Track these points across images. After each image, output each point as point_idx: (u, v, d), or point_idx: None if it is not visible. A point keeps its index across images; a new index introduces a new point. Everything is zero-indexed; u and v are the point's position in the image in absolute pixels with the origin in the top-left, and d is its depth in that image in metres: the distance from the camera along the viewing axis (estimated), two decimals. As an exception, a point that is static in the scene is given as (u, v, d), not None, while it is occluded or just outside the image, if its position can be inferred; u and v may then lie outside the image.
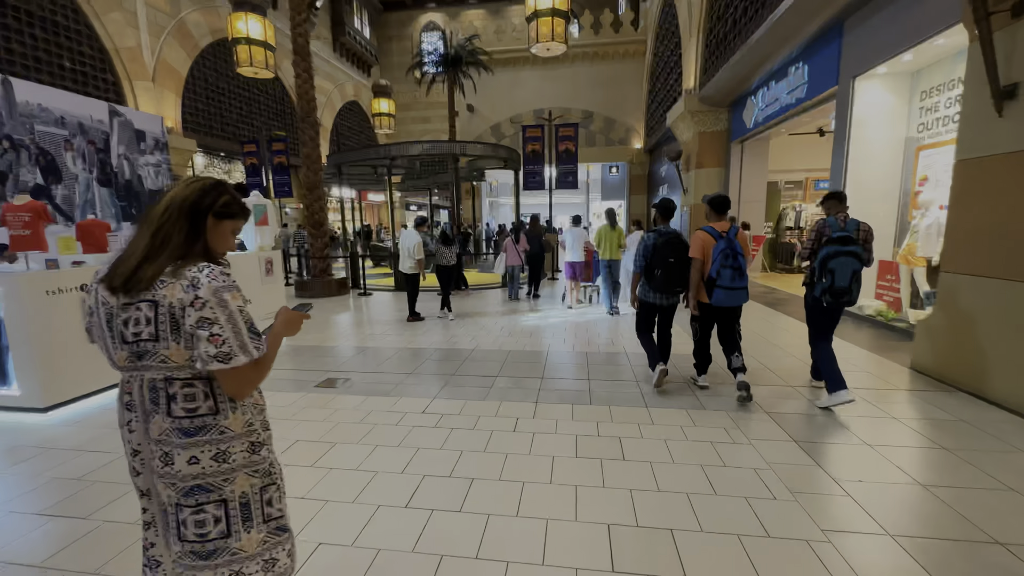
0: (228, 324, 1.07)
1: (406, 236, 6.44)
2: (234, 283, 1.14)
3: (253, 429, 1.23)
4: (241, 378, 1.11)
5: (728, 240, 3.45)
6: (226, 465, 1.16)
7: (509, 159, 11.14)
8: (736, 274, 3.42)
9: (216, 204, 1.19)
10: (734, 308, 3.61)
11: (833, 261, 3.26)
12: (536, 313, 7.22)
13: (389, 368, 4.55)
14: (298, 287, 9.35)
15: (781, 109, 8.64)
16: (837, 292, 3.29)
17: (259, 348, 1.13)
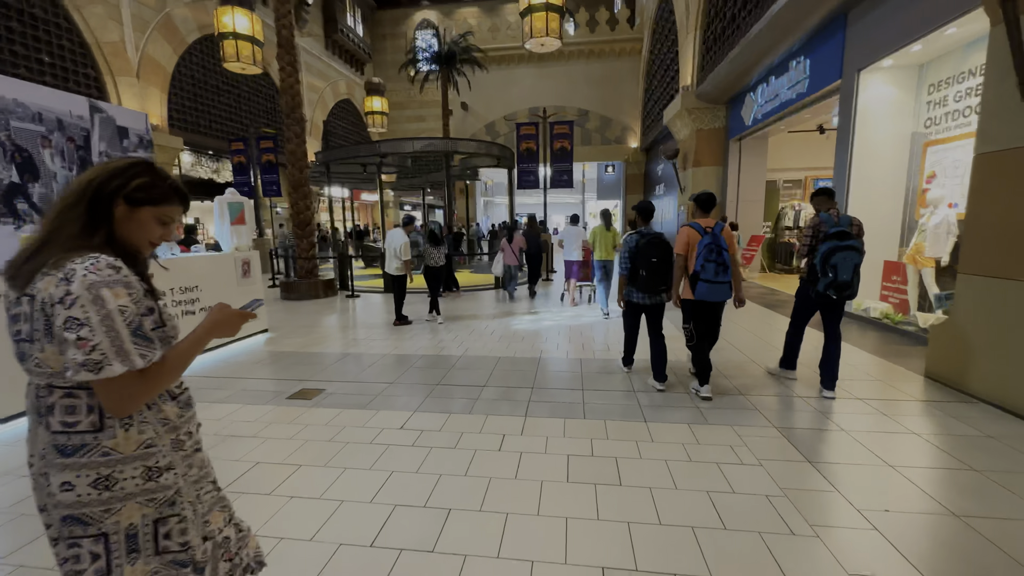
0: (102, 326, 0.90)
1: (392, 236, 6.14)
2: (123, 278, 0.96)
3: (153, 450, 1.03)
4: (118, 391, 0.93)
5: (713, 235, 3.47)
6: (109, 493, 0.97)
7: (502, 157, 10.85)
8: (720, 268, 3.42)
9: (127, 187, 1.02)
10: (718, 304, 3.61)
11: (835, 257, 3.36)
12: (529, 316, 6.94)
13: (369, 377, 4.24)
14: (283, 289, 9.02)
15: (781, 105, 8.40)
16: (841, 286, 3.40)
17: (145, 356, 0.96)
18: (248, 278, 5.49)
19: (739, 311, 6.84)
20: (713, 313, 3.67)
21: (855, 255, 3.36)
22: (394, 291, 6.36)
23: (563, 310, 7.34)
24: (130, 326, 0.94)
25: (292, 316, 7.23)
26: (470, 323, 6.48)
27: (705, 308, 3.62)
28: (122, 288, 0.95)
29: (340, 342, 5.54)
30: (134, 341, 0.94)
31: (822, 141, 10.82)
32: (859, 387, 3.75)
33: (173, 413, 1.10)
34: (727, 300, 3.57)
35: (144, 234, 1.06)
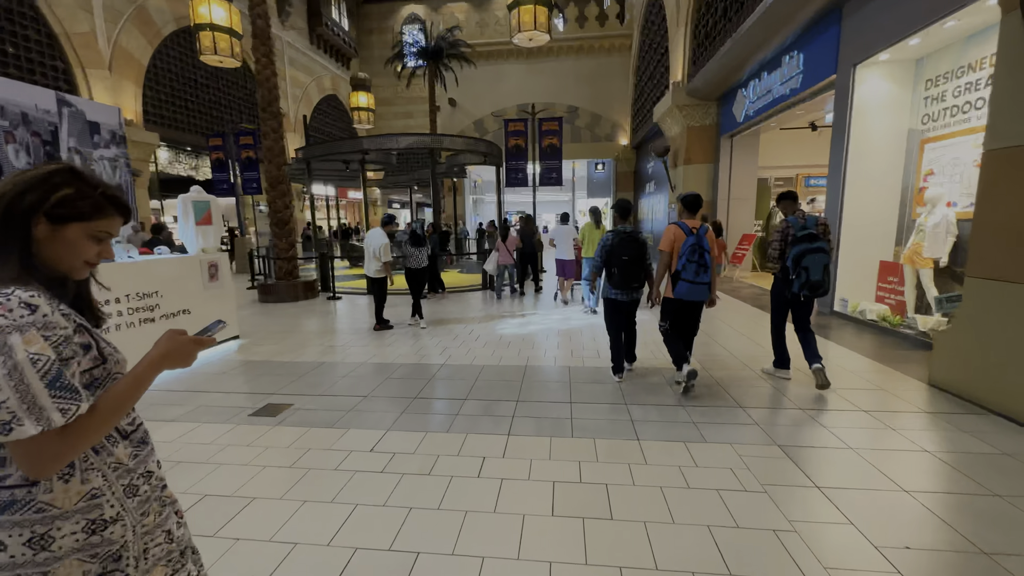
0: (9, 381, 0.77)
1: (371, 236, 5.83)
2: (39, 319, 0.81)
3: (99, 501, 0.90)
4: (34, 453, 0.81)
5: (698, 236, 3.57)
6: (46, 554, 0.85)
7: (490, 154, 10.55)
8: (700, 269, 3.55)
9: (47, 202, 0.86)
10: (697, 303, 3.73)
11: (806, 259, 3.57)
12: (517, 319, 6.67)
13: (342, 390, 3.94)
14: (261, 291, 8.65)
15: (774, 101, 8.22)
16: (814, 285, 3.62)
17: (67, 410, 0.82)
18: (215, 282, 5.14)
19: (732, 312, 6.66)
20: (692, 312, 3.80)
21: (824, 256, 3.58)
22: (374, 294, 6.05)
23: (551, 312, 7.09)
24: (45, 377, 0.80)
25: (268, 320, 6.88)
26: (454, 327, 6.19)
27: (684, 307, 3.74)
28: (35, 332, 0.80)
29: (316, 349, 5.23)
30: (52, 395, 0.80)
31: (814, 138, 10.71)
32: (862, 397, 3.55)
33: (125, 455, 0.96)
34: (705, 300, 3.71)
35: (74, 256, 0.91)
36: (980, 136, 5.01)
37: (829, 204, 6.58)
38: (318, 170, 13.57)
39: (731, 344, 5.13)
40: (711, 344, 5.12)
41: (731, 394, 3.67)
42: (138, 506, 0.96)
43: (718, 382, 3.94)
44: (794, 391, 3.72)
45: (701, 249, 3.54)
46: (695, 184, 11.49)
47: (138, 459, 0.98)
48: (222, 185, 14.69)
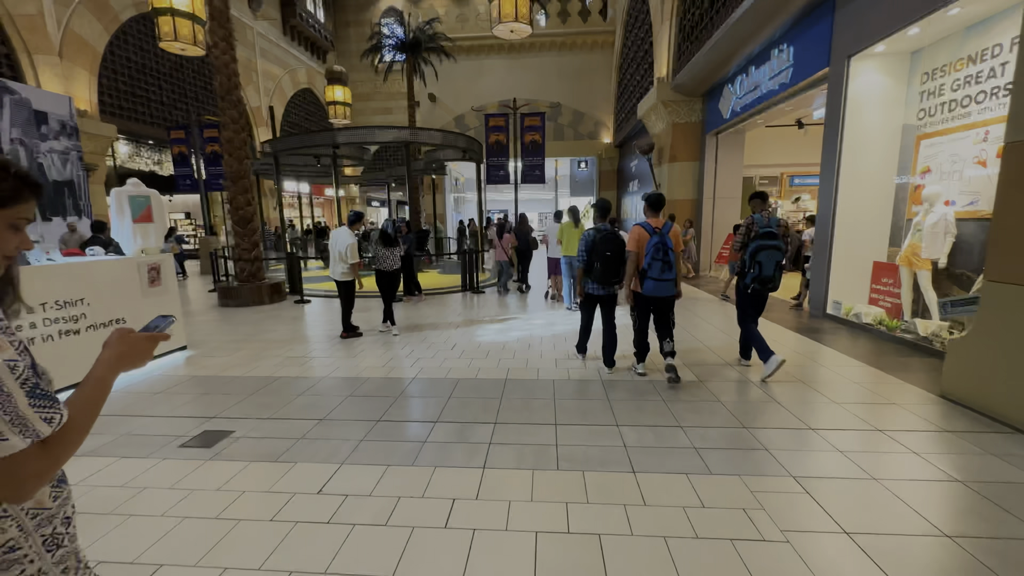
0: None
1: (336, 236, 5.32)
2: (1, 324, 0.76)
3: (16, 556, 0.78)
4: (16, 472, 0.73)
5: (661, 235, 3.72)
6: None
7: (469, 149, 10.09)
8: (665, 267, 3.70)
9: None
10: (665, 298, 3.87)
11: (761, 254, 3.79)
12: (497, 324, 6.24)
13: (296, 411, 3.45)
14: (222, 294, 8.01)
15: (762, 96, 7.97)
16: (764, 280, 3.84)
17: (52, 419, 0.76)
18: (157, 287, 4.57)
19: (720, 315, 6.36)
20: (662, 307, 3.94)
21: (777, 253, 3.81)
22: (341, 299, 5.54)
23: (533, 316, 6.68)
24: (25, 385, 0.74)
25: (225, 328, 6.29)
26: (430, 334, 5.72)
27: (654, 302, 3.90)
28: (3, 336, 0.75)
29: (273, 361, 4.70)
30: (32, 403, 0.74)
31: (799, 136, 10.56)
32: (874, 413, 3.23)
33: (45, 495, 0.84)
34: (674, 295, 3.87)
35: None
36: (981, 132, 4.80)
37: (821, 202, 6.33)
38: (289, 165, 12.91)
39: (723, 349, 4.79)
40: (703, 351, 4.79)
41: (735, 412, 3.31)
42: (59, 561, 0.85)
43: (716, 396, 3.59)
44: (801, 406, 3.39)
45: (665, 247, 3.69)
46: (680, 182, 11.24)
47: (59, 500, 0.87)
48: (185, 181, 13.87)
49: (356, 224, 5.36)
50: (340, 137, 8.47)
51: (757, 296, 4.04)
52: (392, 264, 5.64)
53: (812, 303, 6.50)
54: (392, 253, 5.62)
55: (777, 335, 5.46)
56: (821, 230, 6.30)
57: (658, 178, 12.18)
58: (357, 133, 8.60)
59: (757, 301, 4.08)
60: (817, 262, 6.39)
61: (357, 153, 10.77)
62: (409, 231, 8.02)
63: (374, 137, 8.51)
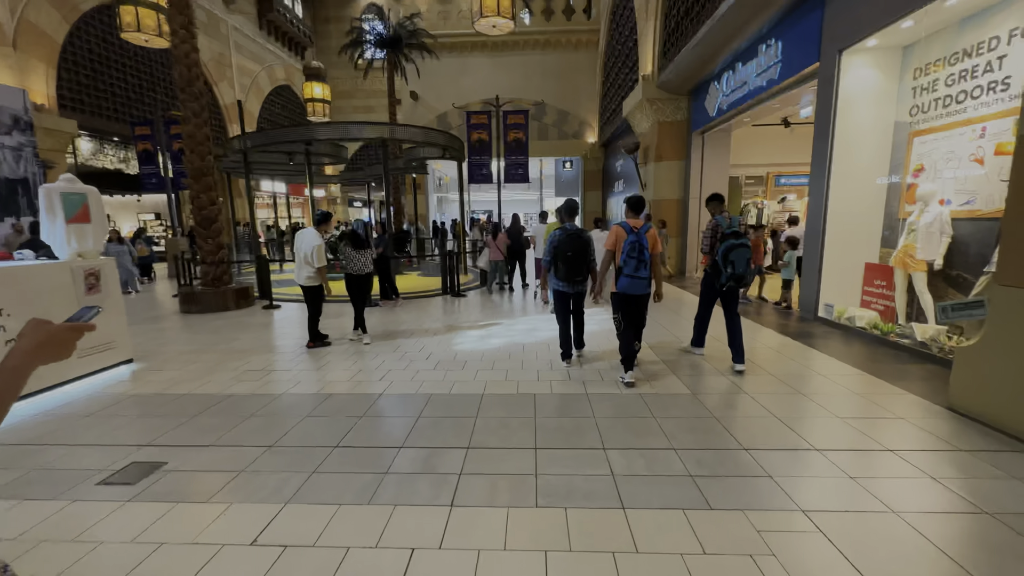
0: None
1: (301, 238, 4.91)
2: None
3: None
4: None
5: (638, 235, 3.82)
6: None
7: (449, 147, 9.71)
8: (640, 265, 3.80)
9: None
10: (639, 296, 3.95)
11: (733, 253, 3.98)
12: (478, 330, 5.89)
13: (242, 436, 3.05)
14: (184, 300, 7.50)
15: (749, 94, 7.78)
16: (739, 277, 4.04)
17: None
18: (95, 294, 4.11)
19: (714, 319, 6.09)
20: (636, 305, 3.99)
21: (747, 251, 4.01)
22: (307, 305, 5.13)
23: (515, 321, 6.34)
24: None
25: (182, 337, 5.82)
26: (404, 342, 5.34)
27: (629, 300, 3.94)
28: None
29: (227, 375, 4.27)
30: None
31: (786, 136, 10.44)
32: (882, 431, 2.97)
33: None
34: (648, 294, 3.99)
35: None
36: (977, 128, 4.63)
37: (812, 202, 6.13)
38: (263, 164, 12.35)
39: (716, 358, 4.52)
40: (694, 358, 4.51)
41: (729, 429, 3.02)
42: None
43: (710, 411, 3.30)
44: (802, 422, 3.11)
45: (640, 247, 3.80)
46: (666, 182, 11.04)
47: None
48: (151, 179, 13.20)
49: (324, 225, 4.96)
50: (311, 133, 8.02)
51: (730, 292, 4.27)
52: (363, 267, 5.24)
53: (803, 305, 6.30)
54: (363, 256, 5.22)
55: (769, 340, 5.23)
56: (812, 230, 6.10)
57: (644, 178, 11.97)
58: (330, 129, 8.17)
59: (730, 297, 4.30)
60: (808, 263, 6.19)
61: (333, 151, 10.31)
62: (384, 232, 7.61)
63: (348, 133, 8.09)
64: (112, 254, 9.87)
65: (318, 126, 7.84)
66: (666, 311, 6.72)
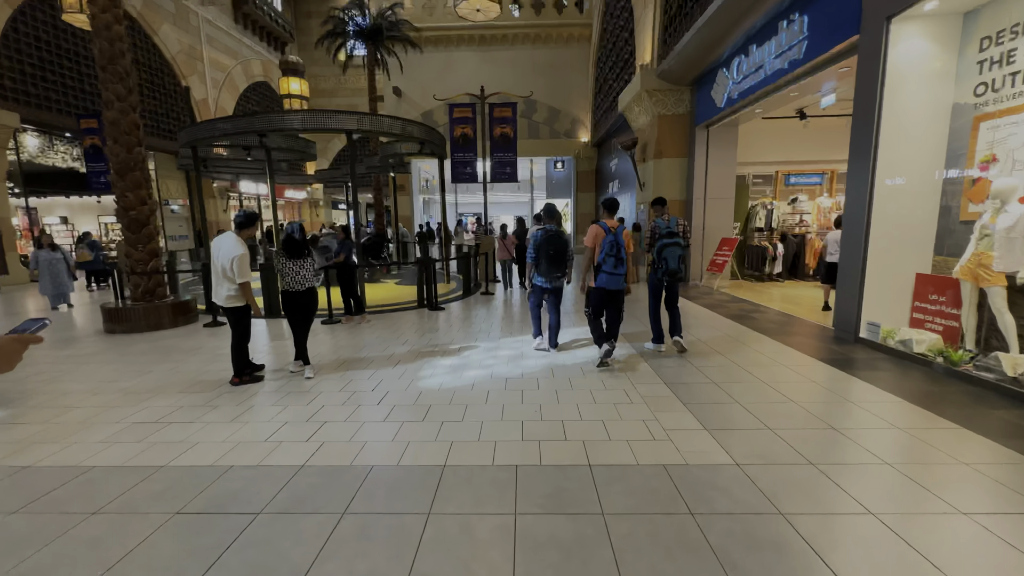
0: None
1: (219, 245, 3.82)
2: None
3: None
4: None
5: (615, 235, 4.21)
6: None
7: (429, 142, 8.65)
8: (617, 262, 4.19)
9: None
10: (616, 292, 4.33)
11: (666, 251, 4.56)
12: (451, 358, 4.83)
13: (57, 561, 1.96)
14: (108, 317, 6.34)
15: (766, 79, 6.83)
16: (672, 272, 4.58)
17: None
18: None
19: (723, 339, 5.07)
20: (613, 299, 4.35)
21: (679, 248, 4.51)
22: (232, 331, 4.03)
23: (499, 346, 5.27)
24: None
25: (81, 369, 4.68)
26: (357, 375, 4.26)
27: (606, 295, 4.29)
28: None
29: (103, 432, 3.16)
30: None
31: (797, 131, 9.53)
32: (998, 518, 1.96)
33: None
34: (623, 289, 4.34)
35: None
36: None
37: (850, 202, 5.16)
38: (223, 161, 11.19)
39: (753, 403, 3.50)
40: (731, 410, 3.49)
41: (813, 542, 1.99)
42: None
43: (752, 479, 2.27)
44: (873, 492, 2.09)
45: (617, 245, 4.14)
46: (667, 181, 10.08)
47: None
48: (99, 178, 11.96)
49: (247, 228, 3.86)
50: (263, 123, 6.92)
51: (669, 286, 4.75)
52: (301, 282, 4.15)
53: (840, 323, 5.32)
54: (301, 267, 4.13)
55: (803, 366, 4.23)
56: (851, 235, 5.13)
57: (642, 176, 11.00)
58: (286, 118, 7.07)
59: (669, 291, 4.78)
60: (847, 274, 5.22)
61: (298, 146, 9.20)
62: (347, 237, 6.53)
63: (308, 123, 7.00)
64: (42, 263, 8.67)
65: (272, 115, 6.75)
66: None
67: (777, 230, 10.05)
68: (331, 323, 6.51)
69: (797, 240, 9.90)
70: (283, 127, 6.92)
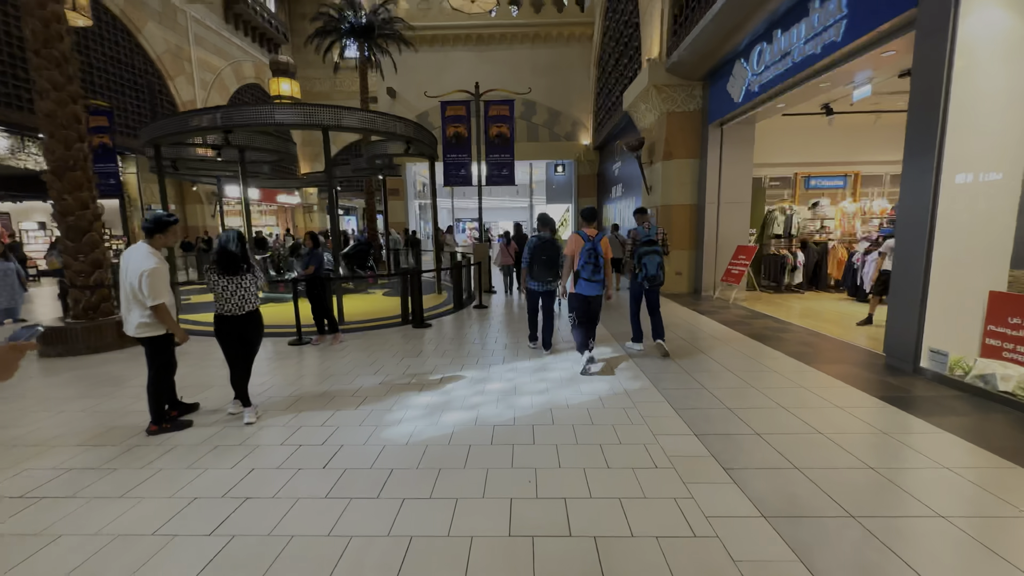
0: None
1: (128, 259, 3.00)
2: None
3: None
4: None
5: (593, 243, 4.39)
6: None
7: (416, 140, 7.87)
8: (595, 269, 4.37)
9: None
10: (594, 297, 4.48)
11: (645, 258, 4.84)
12: (431, 393, 4.00)
13: None
14: (43, 339, 5.52)
15: (793, 67, 6.04)
16: (651, 278, 4.85)
17: None
18: None
19: (740, 362, 4.23)
20: (591, 304, 4.52)
21: (657, 256, 4.85)
22: (148, 367, 3.21)
23: (487, 375, 4.44)
24: None
25: (-18, 405, 3.85)
26: (309, 420, 3.43)
27: (585, 300, 4.49)
28: None
29: (-53, 513, 2.34)
30: None
31: (818, 130, 8.75)
32: None
33: None
34: (602, 295, 4.55)
35: None
36: None
37: (906, 206, 4.35)
38: (196, 163, 10.39)
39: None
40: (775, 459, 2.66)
41: None
42: None
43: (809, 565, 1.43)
44: None
45: (596, 253, 4.37)
46: (677, 184, 9.29)
47: None
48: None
49: (160, 236, 3.05)
50: (226, 118, 6.14)
51: (650, 291, 4.99)
52: (237, 305, 3.31)
53: (894, 349, 4.49)
54: (238, 286, 3.30)
55: (860, 408, 3.39)
56: (909, 244, 4.31)
57: (649, 180, 10.21)
58: (253, 112, 6.29)
59: (650, 296, 5.02)
60: (903, 292, 4.39)
61: (274, 146, 8.42)
62: (316, 246, 5.71)
63: (274, 117, 6.22)
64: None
65: (232, 110, 5.97)
66: (692, 352, 4.88)
67: (797, 237, 9.24)
68: (299, 344, 5.69)
69: (819, 248, 9.08)
70: (249, 121, 6.14)
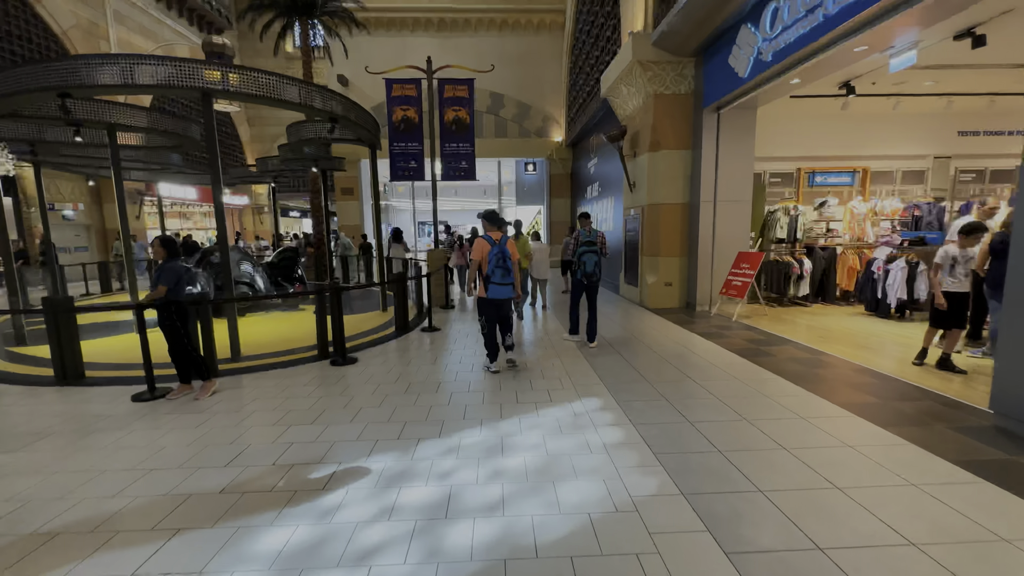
0: None
1: None
2: None
3: None
4: None
5: (500, 246, 4.43)
6: None
7: (345, 119, 6.15)
8: (504, 273, 4.42)
9: None
10: (504, 300, 4.55)
11: (584, 256, 5.36)
12: (304, 513, 2.33)
13: None
14: None
15: (825, 23, 4.69)
16: (588, 275, 5.39)
17: None
18: None
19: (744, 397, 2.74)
20: (503, 308, 4.59)
21: (594, 255, 5.37)
22: None
23: (413, 470, 2.81)
24: None
25: None
26: None
27: (496, 304, 4.51)
28: None
29: None
30: None
31: (823, 119, 7.54)
32: None
33: None
34: (511, 298, 4.56)
35: None
36: None
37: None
38: (57, 147, 8.27)
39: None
40: None
41: None
42: None
43: None
44: None
45: (503, 256, 4.41)
46: (665, 179, 7.90)
47: None
48: None
49: None
50: (59, 76, 4.28)
51: (588, 287, 5.49)
52: None
53: (1009, 406, 3.10)
54: None
55: (932, 473, 1.93)
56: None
57: (632, 175, 8.80)
58: (96, 66, 4.44)
59: (589, 291, 5.51)
60: (1017, 327, 3.01)
61: (148, 122, 6.53)
62: (172, 256, 3.93)
63: (139, 78, 4.42)
64: None
65: (80, 59, 4.14)
66: (679, 380, 3.38)
67: (802, 241, 8.00)
68: (150, 399, 3.89)
69: (826, 254, 7.87)
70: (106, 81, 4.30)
